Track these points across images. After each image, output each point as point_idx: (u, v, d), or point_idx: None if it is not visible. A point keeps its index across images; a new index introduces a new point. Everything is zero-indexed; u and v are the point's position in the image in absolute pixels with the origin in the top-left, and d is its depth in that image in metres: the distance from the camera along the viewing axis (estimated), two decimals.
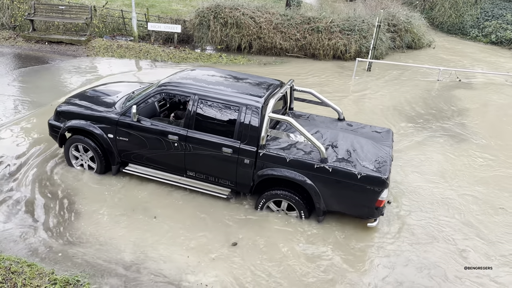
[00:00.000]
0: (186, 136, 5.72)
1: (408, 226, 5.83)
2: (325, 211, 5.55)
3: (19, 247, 5.02)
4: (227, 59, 13.38)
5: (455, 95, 11.23)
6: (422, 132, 8.87)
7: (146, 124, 5.92)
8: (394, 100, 10.64)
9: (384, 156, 5.58)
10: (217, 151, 5.60)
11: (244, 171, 5.60)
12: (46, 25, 14.51)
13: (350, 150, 5.60)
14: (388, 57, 14.66)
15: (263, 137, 5.42)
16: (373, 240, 5.52)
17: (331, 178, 5.24)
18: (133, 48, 13.22)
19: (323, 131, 6.08)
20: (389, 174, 5.17)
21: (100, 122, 6.15)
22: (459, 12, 18.72)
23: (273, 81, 6.36)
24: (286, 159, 5.37)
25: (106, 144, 6.18)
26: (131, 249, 5.07)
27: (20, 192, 6.00)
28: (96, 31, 14.56)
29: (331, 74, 12.54)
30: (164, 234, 5.36)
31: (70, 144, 6.42)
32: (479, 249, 5.47)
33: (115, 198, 6.00)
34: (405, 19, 15.49)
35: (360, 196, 5.22)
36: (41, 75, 10.65)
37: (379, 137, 6.13)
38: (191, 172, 5.95)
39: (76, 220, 5.54)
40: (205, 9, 13.94)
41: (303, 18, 14.05)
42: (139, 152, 6.11)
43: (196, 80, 6.03)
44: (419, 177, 7.08)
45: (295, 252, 5.19)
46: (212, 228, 5.54)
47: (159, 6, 18.24)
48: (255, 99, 5.56)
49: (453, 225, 5.90)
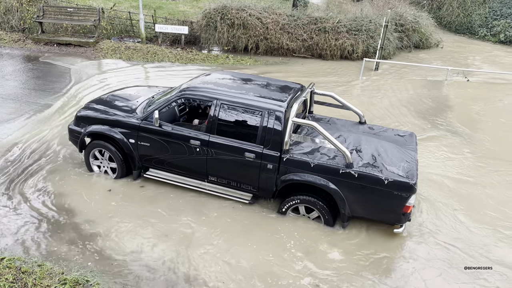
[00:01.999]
0: (208, 141, 5.70)
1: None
2: (349, 216, 5.45)
3: (29, 247, 5.07)
4: (234, 60, 13.40)
5: (462, 95, 11.15)
6: (432, 131, 8.83)
7: (168, 129, 5.91)
8: (402, 100, 10.59)
9: (410, 160, 5.47)
10: (239, 156, 5.57)
11: (267, 176, 5.55)
12: (54, 27, 14.65)
13: (375, 155, 5.49)
14: (395, 57, 14.60)
15: (287, 142, 5.37)
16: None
17: (357, 184, 5.15)
18: (140, 50, 13.29)
19: (345, 135, 5.98)
20: (416, 179, 5.08)
21: (121, 127, 6.14)
22: (467, 12, 18.58)
23: (294, 85, 6.33)
24: (310, 164, 5.30)
25: (127, 149, 6.17)
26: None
27: (34, 193, 6.08)
28: (104, 33, 14.67)
29: (337, 74, 12.52)
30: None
31: (90, 149, 6.43)
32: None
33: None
34: (413, 19, 15.41)
35: (387, 202, 5.12)
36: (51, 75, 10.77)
37: (403, 141, 6.03)
38: (212, 177, 5.93)
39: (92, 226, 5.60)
40: (212, 10, 13.98)
41: (310, 19, 14.03)
42: (160, 157, 6.09)
43: (217, 84, 6.01)
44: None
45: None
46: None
47: (166, 7, 18.32)
48: (278, 103, 5.51)
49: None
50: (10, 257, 4.80)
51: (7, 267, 4.63)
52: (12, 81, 10.28)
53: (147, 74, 11.69)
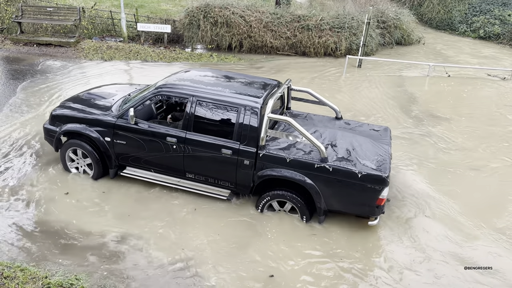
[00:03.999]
0: (184, 138, 5.70)
1: None
2: (326, 210, 5.54)
3: (11, 251, 4.98)
4: (217, 58, 13.36)
5: (442, 90, 11.34)
6: (413, 128, 8.96)
7: (144, 127, 5.87)
8: (384, 96, 10.71)
9: (383, 154, 5.59)
10: (216, 153, 5.59)
11: (244, 172, 5.59)
12: (34, 27, 14.36)
13: (350, 149, 5.59)
14: (378, 53, 14.75)
15: (263, 138, 5.41)
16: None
17: (332, 178, 5.25)
18: (123, 49, 13.14)
19: (321, 130, 6.07)
20: (389, 172, 5.19)
21: (96, 126, 6.08)
22: (448, 8, 18.87)
23: (271, 81, 6.36)
24: (286, 159, 5.36)
25: (103, 147, 6.11)
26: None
27: (17, 193, 5.98)
28: (85, 33, 14.45)
29: (320, 72, 12.57)
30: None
31: (66, 148, 6.35)
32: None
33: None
34: (394, 16, 15.59)
35: (361, 195, 5.23)
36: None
37: (377, 135, 6.14)
38: (190, 174, 5.93)
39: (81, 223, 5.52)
40: (194, 8, 13.90)
41: (293, 17, 14.07)
42: (137, 155, 6.06)
43: (193, 81, 6.01)
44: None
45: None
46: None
47: (148, 6, 18.14)
48: (253, 100, 5.55)
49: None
50: None
51: None
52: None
53: (129, 73, 11.57)
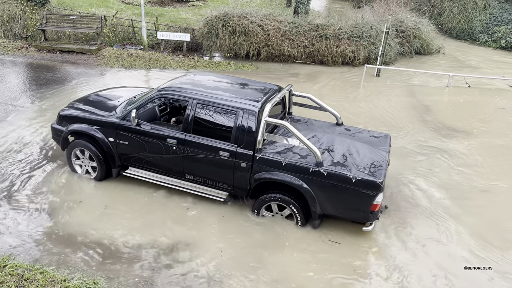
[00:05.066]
0: (184, 140, 5.83)
1: None
2: (321, 215, 5.59)
3: (32, 253, 5.07)
4: (235, 66, 13.46)
5: (462, 101, 11.15)
6: (429, 141, 8.83)
7: (146, 128, 6.04)
8: (403, 106, 10.60)
9: (380, 160, 5.61)
10: (214, 155, 5.70)
11: (241, 175, 5.69)
12: (57, 35, 14.71)
13: (346, 155, 5.65)
14: (397, 62, 14.62)
15: (260, 141, 5.52)
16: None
17: (326, 182, 5.31)
18: (143, 57, 13.36)
19: (320, 135, 6.13)
20: (384, 178, 5.24)
21: (101, 126, 6.27)
22: (468, 18, 18.62)
23: (272, 86, 6.46)
24: (282, 163, 5.45)
25: (107, 147, 6.30)
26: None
27: (35, 197, 6.09)
28: (107, 40, 14.74)
29: (338, 81, 12.54)
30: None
31: (72, 147, 6.54)
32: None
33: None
34: (414, 25, 15.45)
35: (355, 200, 5.26)
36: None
37: (376, 142, 6.18)
38: (189, 176, 6.06)
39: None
40: (213, 17, 14.06)
41: (311, 26, 14.09)
42: (138, 156, 6.23)
43: (195, 85, 6.15)
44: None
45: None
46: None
47: (168, 15, 18.42)
48: (252, 104, 5.65)
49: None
50: (13, 264, 4.80)
51: (9, 274, 4.63)
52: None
53: (148, 80, 11.73)
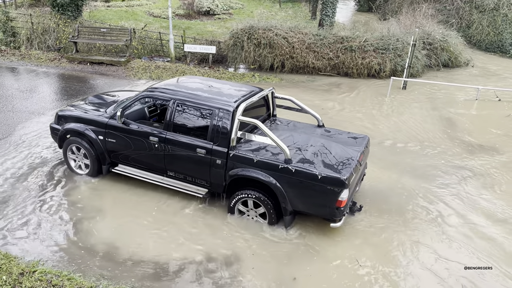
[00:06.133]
0: (165, 137, 6.09)
1: None
2: (291, 211, 5.70)
3: (60, 260, 5.20)
4: (259, 78, 13.56)
5: (491, 116, 10.87)
6: (455, 158, 8.60)
7: (130, 127, 6.35)
8: (430, 119, 10.41)
9: (350, 159, 5.69)
10: (192, 152, 5.95)
11: (216, 171, 5.90)
12: (88, 47, 15.23)
13: (317, 153, 5.77)
14: (424, 75, 14.40)
15: (233, 139, 5.72)
16: None
17: (294, 179, 5.45)
18: (169, 69, 13.63)
19: (296, 135, 6.28)
20: (349, 175, 5.31)
21: (92, 125, 6.63)
22: (498, 30, 18.23)
23: (253, 88, 6.67)
24: (253, 160, 5.64)
25: (97, 145, 6.63)
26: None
27: (59, 203, 6.26)
28: (135, 53, 15.15)
29: (364, 93, 12.44)
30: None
31: (67, 145, 6.90)
32: None
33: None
34: (441, 38, 15.22)
35: (321, 196, 5.39)
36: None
37: (353, 142, 6.27)
38: (171, 172, 6.32)
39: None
40: (239, 30, 14.25)
41: (336, 38, 14.09)
42: (125, 153, 6.54)
43: (178, 86, 6.44)
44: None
45: None
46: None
47: (195, 28, 18.79)
48: (227, 103, 5.86)
49: None
50: (42, 269, 4.92)
51: (38, 279, 4.75)
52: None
53: None
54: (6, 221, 5.82)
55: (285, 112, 7.47)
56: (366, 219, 6.21)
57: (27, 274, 4.80)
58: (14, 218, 5.88)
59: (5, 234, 5.57)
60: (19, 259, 5.09)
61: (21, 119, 9.14)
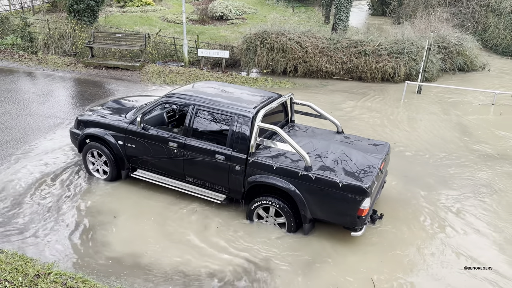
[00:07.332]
0: (184, 143, 6.09)
1: None
2: (311, 219, 5.63)
3: (74, 262, 5.25)
4: (272, 82, 13.56)
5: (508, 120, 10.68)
6: (470, 167, 8.45)
7: (150, 132, 6.36)
8: (445, 125, 10.26)
9: (371, 166, 5.59)
10: (211, 158, 5.94)
11: (235, 178, 5.87)
12: (103, 52, 15.46)
13: (338, 160, 5.67)
14: (439, 79, 14.23)
15: (253, 145, 5.64)
16: None
17: (315, 186, 5.38)
18: (183, 73, 13.73)
19: (315, 141, 6.20)
20: (371, 184, 5.23)
21: (112, 130, 6.69)
22: None
23: (272, 94, 6.63)
24: (273, 167, 5.59)
25: (116, 150, 6.68)
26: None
27: (76, 207, 6.33)
28: (150, 57, 15.31)
29: (379, 97, 12.34)
30: None
31: (87, 150, 6.95)
32: None
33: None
34: (457, 42, 15.04)
35: (342, 204, 5.31)
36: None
37: (373, 150, 6.17)
38: (189, 178, 6.31)
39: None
40: (252, 35, 14.30)
41: (350, 42, 14.04)
42: (144, 158, 6.56)
43: (197, 92, 6.45)
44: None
45: None
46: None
47: (209, 33, 18.92)
48: (246, 109, 5.84)
49: None
50: (57, 271, 4.96)
51: (53, 281, 4.79)
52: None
53: None
54: (22, 223, 5.91)
55: (300, 117, 7.41)
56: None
57: (43, 276, 4.85)
58: (30, 220, 5.97)
59: (21, 235, 5.66)
60: (35, 261, 5.15)
61: (38, 123, 9.29)
